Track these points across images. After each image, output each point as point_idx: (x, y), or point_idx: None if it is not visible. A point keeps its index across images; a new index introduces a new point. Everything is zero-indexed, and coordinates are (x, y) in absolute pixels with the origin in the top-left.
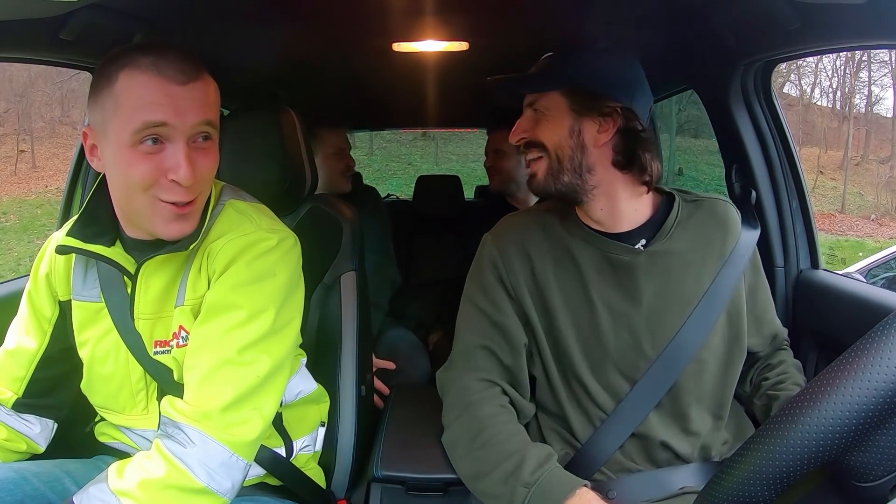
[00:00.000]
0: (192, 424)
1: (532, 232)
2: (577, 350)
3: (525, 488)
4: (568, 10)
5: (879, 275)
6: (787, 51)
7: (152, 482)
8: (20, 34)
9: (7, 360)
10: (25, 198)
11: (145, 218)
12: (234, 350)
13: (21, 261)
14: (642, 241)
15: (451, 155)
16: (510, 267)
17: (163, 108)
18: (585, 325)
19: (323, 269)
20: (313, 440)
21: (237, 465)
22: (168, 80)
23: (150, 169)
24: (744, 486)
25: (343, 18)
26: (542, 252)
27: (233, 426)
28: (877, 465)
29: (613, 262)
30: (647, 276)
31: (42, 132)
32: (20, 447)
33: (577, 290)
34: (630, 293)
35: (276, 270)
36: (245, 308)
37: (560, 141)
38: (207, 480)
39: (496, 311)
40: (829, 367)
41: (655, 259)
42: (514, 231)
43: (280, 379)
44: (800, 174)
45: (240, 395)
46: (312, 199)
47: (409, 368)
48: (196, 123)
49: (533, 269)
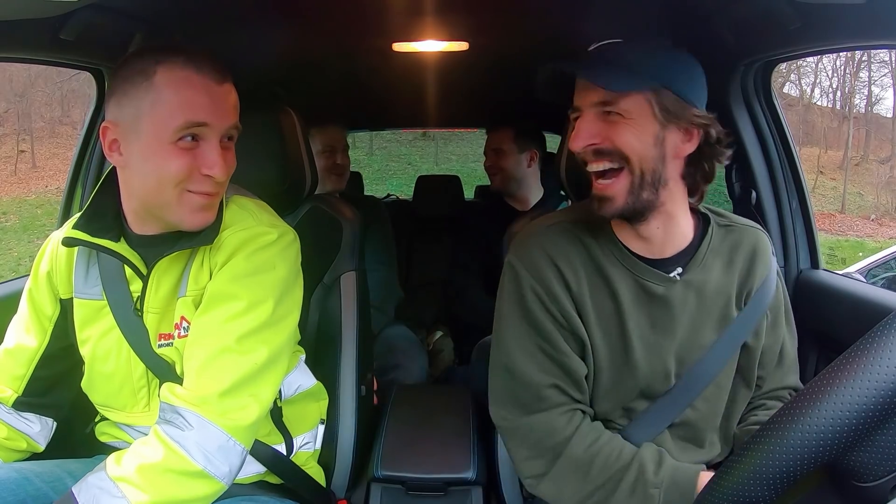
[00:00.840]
0: (190, 408)
1: (562, 249)
2: (607, 376)
3: (656, 489)
4: (568, 10)
5: (879, 275)
6: (787, 51)
7: (150, 466)
8: (20, 34)
9: (7, 358)
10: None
11: (171, 209)
12: (232, 339)
13: (21, 261)
14: (678, 269)
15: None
16: (552, 295)
17: (205, 109)
18: (618, 354)
19: (323, 269)
20: (313, 437)
21: (234, 449)
22: (208, 78)
23: (186, 164)
24: (744, 486)
25: (343, 18)
26: (576, 272)
27: (231, 411)
28: (877, 465)
29: (648, 291)
30: (681, 307)
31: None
32: (20, 446)
33: (612, 317)
34: (663, 324)
35: (275, 264)
36: (244, 298)
37: (644, 151)
38: (205, 463)
39: (555, 351)
40: (828, 367)
41: (689, 289)
42: (541, 251)
43: (277, 369)
44: (800, 174)
45: (237, 382)
46: (312, 199)
47: (406, 363)
48: (231, 125)
49: (570, 292)
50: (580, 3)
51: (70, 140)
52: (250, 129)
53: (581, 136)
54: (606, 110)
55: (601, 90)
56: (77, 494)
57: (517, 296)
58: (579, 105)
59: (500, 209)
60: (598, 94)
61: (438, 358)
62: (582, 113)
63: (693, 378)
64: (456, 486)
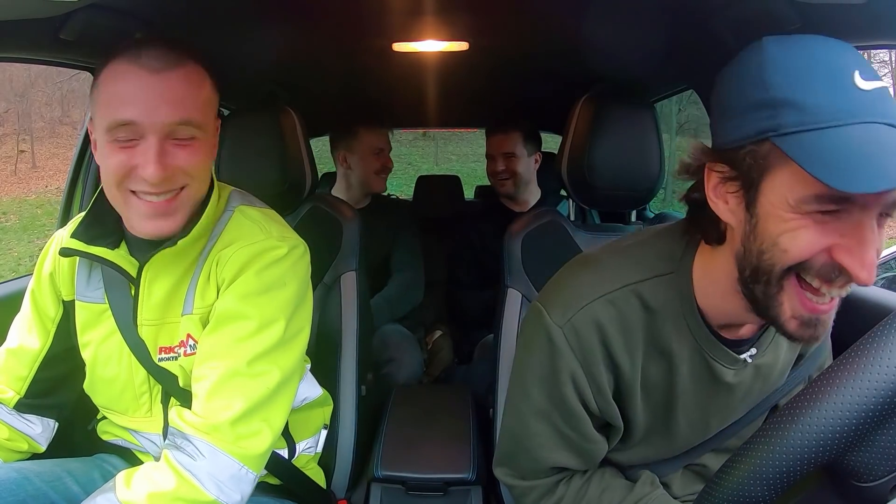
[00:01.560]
0: (201, 437)
1: (621, 326)
2: (639, 443)
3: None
4: (568, 10)
5: (879, 275)
6: None
7: (161, 495)
8: (20, 34)
9: (9, 359)
10: (25, 198)
11: (123, 213)
12: (243, 361)
13: (21, 261)
14: (751, 349)
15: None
16: (596, 385)
17: (132, 105)
18: (658, 426)
19: (323, 269)
20: (315, 442)
21: (246, 477)
22: (143, 68)
23: (122, 162)
24: (744, 486)
25: (343, 18)
26: (630, 349)
27: (242, 438)
28: (877, 465)
29: (715, 374)
30: (745, 392)
31: (42, 132)
32: (21, 447)
33: (662, 387)
34: (720, 406)
35: (286, 280)
36: (255, 318)
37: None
38: (217, 493)
39: (580, 437)
40: (828, 367)
41: (758, 375)
42: (595, 326)
43: (289, 390)
44: None
45: (250, 408)
46: (313, 199)
47: (399, 356)
48: (169, 123)
49: (618, 376)
50: (580, 3)
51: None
52: (250, 129)
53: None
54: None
55: None
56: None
57: (549, 370)
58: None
59: (498, 211)
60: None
61: (438, 357)
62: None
63: (721, 435)
64: (456, 486)
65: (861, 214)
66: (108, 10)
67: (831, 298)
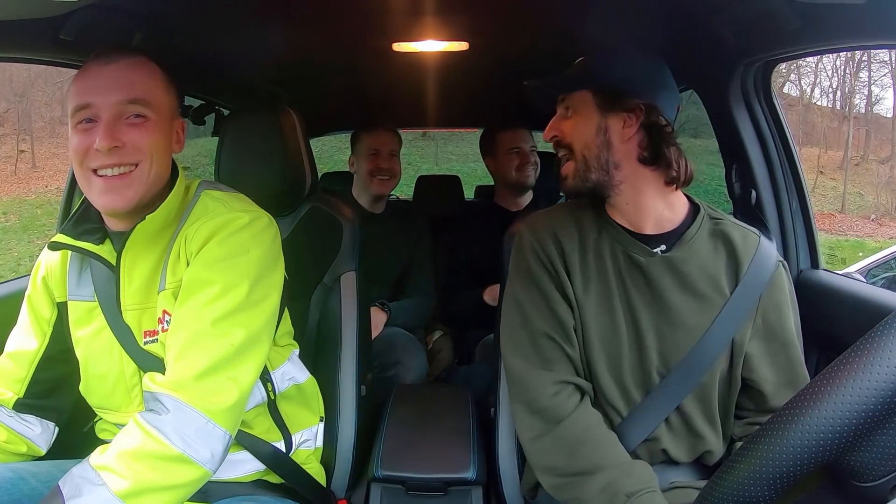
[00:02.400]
0: (167, 392)
1: (564, 223)
2: (597, 345)
3: (626, 497)
4: (568, 10)
5: (879, 275)
6: (787, 51)
7: (129, 453)
8: (20, 34)
9: (8, 361)
10: (25, 198)
11: (86, 193)
12: (207, 322)
13: (21, 261)
14: (662, 246)
15: (451, 155)
16: (549, 254)
17: (88, 90)
18: (606, 322)
19: (323, 269)
20: (312, 435)
21: (214, 432)
22: (96, 62)
23: (81, 141)
24: (744, 486)
25: (343, 18)
26: (572, 243)
27: (208, 394)
28: (877, 465)
29: (633, 261)
30: (659, 280)
31: (42, 132)
32: (20, 449)
33: (600, 285)
34: (643, 294)
35: (248, 247)
36: (218, 283)
37: (587, 140)
38: (183, 447)
39: (549, 299)
40: (829, 367)
41: (669, 265)
42: (547, 222)
43: (257, 352)
44: (800, 174)
45: (214, 364)
46: (312, 199)
47: (406, 359)
48: (119, 101)
49: (565, 258)
50: (580, 3)
51: None
52: (250, 129)
53: (549, 129)
54: (566, 107)
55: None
56: (62, 486)
57: (520, 256)
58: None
59: (493, 212)
60: (561, 98)
61: (438, 357)
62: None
63: (686, 369)
64: (456, 486)
65: None
66: (108, 10)
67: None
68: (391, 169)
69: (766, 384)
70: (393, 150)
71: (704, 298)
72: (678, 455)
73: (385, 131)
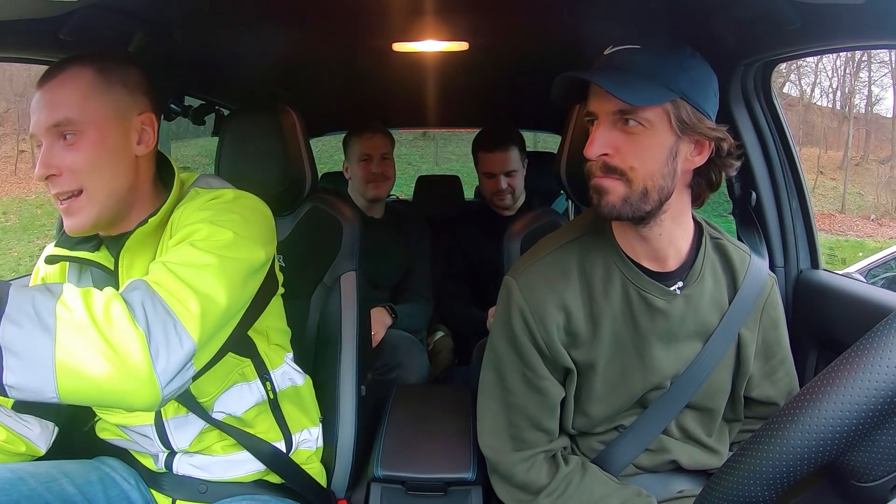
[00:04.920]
0: (142, 279)
1: (565, 276)
2: (600, 388)
3: None
4: (568, 10)
5: (879, 275)
6: (787, 51)
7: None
8: (20, 34)
9: None
10: (25, 198)
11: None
12: (186, 246)
13: (21, 261)
14: (679, 282)
15: (450, 155)
16: (544, 323)
17: (33, 118)
18: (615, 368)
19: (323, 269)
20: (313, 435)
21: (175, 329)
22: (43, 80)
23: (38, 167)
24: (744, 486)
25: (343, 18)
26: (576, 299)
27: (178, 293)
28: (877, 465)
29: (650, 304)
30: (680, 321)
31: None
32: (19, 449)
33: (609, 331)
34: (662, 337)
35: (233, 209)
36: (204, 229)
37: (654, 169)
38: (143, 324)
39: (534, 373)
40: (829, 367)
41: (689, 303)
42: (545, 282)
43: (230, 282)
44: (800, 174)
45: (188, 280)
46: (312, 199)
47: (408, 361)
48: (48, 127)
49: (568, 316)
50: (580, 3)
51: None
52: (250, 129)
53: (596, 144)
54: (626, 118)
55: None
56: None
57: (507, 315)
58: (596, 112)
59: (488, 215)
60: (617, 103)
61: (438, 358)
62: (599, 120)
63: (682, 387)
64: (456, 486)
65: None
66: (108, 10)
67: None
68: (384, 173)
69: (768, 399)
70: (385, 153)
71: (710, 326)
72: (685, 462)
73: (375, 134)
